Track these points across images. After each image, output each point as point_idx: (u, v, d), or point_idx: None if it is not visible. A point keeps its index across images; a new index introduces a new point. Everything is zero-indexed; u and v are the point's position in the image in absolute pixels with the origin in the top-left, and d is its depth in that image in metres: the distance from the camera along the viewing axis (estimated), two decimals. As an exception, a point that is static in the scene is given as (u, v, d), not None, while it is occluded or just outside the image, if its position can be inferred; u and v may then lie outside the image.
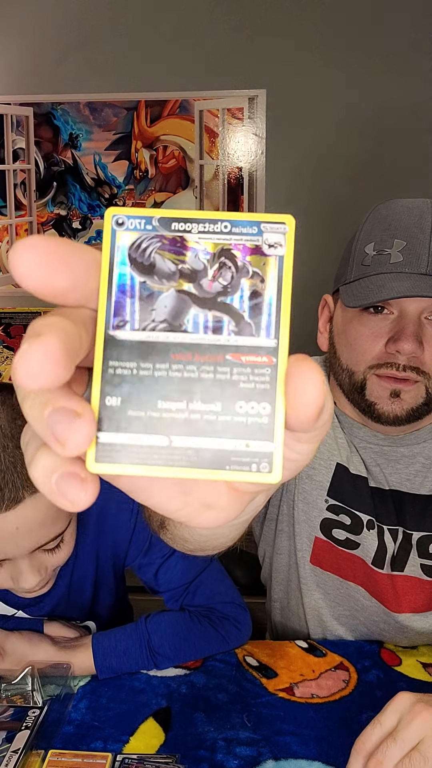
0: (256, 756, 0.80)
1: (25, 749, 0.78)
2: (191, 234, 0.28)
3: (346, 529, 1.01)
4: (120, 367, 0.28)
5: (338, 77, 2.41)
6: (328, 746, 0.82)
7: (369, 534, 1.00)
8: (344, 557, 1.03)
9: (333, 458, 1.01)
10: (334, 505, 1.01)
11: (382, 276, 0.89)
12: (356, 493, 1.00)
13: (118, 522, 0.97)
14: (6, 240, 2.57)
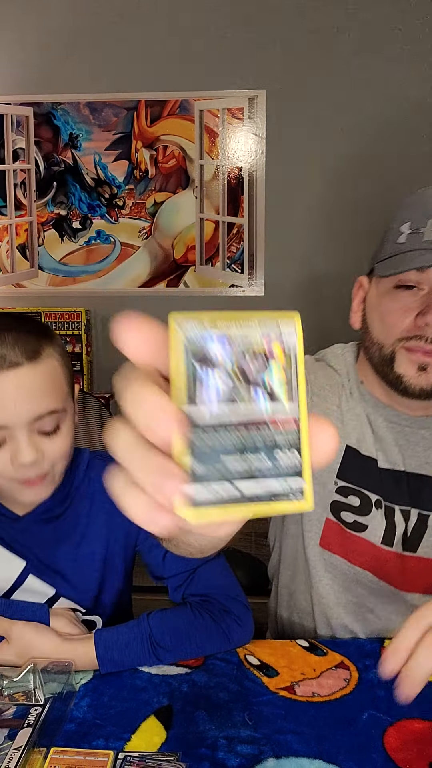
0: (257, 754, 0.80)
1: (27, 747, 0.79)
2: (233, 329, 0.41)
3: (354, 511, 1.03)
4: (195, 435, 0.37)
5: (338, 77, 2.42)
6: (328, 745, 0.82)
7: (377, 513, 1.02)
8: (352, 540, 1.04)
9: (343, 441, 1.03)
10: (344, 486, 1.03)
11: (415, 252, 0.93)
12: (365, 473, 1.02)
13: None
14: (6, 240, 2.57)
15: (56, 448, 0.91)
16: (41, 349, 0.88)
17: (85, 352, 2.52)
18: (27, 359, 0.86)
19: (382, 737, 0.84)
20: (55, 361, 0.90)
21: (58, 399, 0.90)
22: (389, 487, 1.02)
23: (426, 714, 0.88)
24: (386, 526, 1.02)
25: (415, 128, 2.42)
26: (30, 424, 0.87)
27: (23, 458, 0.87)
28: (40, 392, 0.87)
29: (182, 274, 2.56)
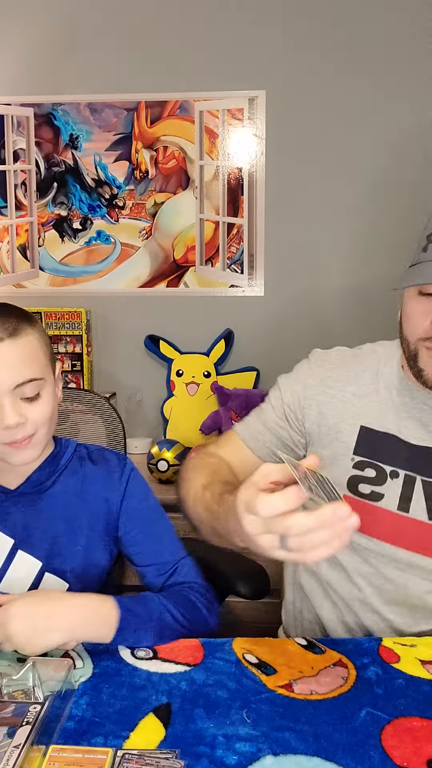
0: (256, 752, 0.81)
1: (26, 745, 0.79)
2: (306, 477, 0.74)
3: (370, 482, 1.12)
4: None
5: (338, 77, 2.42)
6: (326, 742, 0.82)
7: (392, 482, 1.11)
8: (369, 511, 1.11)
9: (358, 422, 1.15)
10: (360, 461, 1.13)
11: (428, 263, 1.03)
12: (381, 448, 1.12)
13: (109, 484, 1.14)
14: (6, 240, 2.57)
15: (38, 412, 1.03)
16: (20, 328, 1.02)
17: (86, 352, 2.53)
18: (8, 336, 1.00)
19: (379, 735, 0.84)
20: (33, 339, 1.04)
21: (36, 370, 1.03)
22: (413, 459, 1.11)
23: (424, 712, 0.89)
24: (401, 494, 1.10)
25: (415, 128, 2.42)
26: (12, 391, 1.01)
27: (8, 420, 0.99)
28: (19, 363, 1.01)
29: (182, 274, 2.56)
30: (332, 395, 1.17)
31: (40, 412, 1.04)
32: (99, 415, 1.58)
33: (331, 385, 1.17)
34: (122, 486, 1.14)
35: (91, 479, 1.14)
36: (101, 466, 1.16)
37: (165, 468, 2.22)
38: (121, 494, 1.14)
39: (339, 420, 1.16)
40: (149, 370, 2.59)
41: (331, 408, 1.16)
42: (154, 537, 1.15)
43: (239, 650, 1.02)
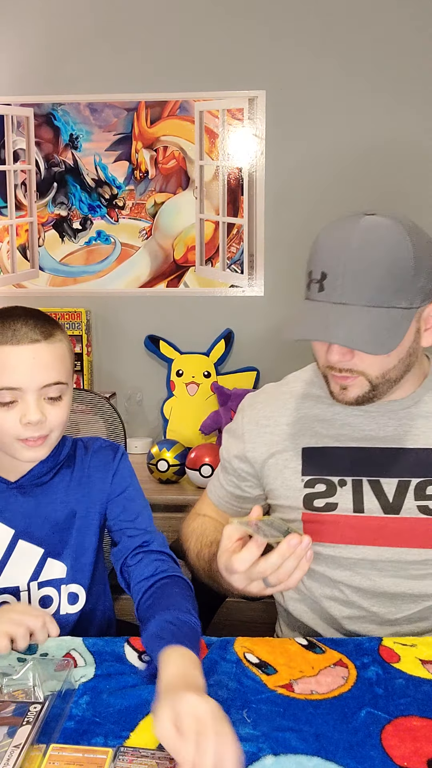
0: (256, 752, 0.81)
1: (27, 744, 0.79)
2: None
3: (322, 496, 1.18)
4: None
5: (338, 77, 2.42)
6: (327, 742, 0.83)
7: (342, 490, 1.17)
8: (330, 521, 1.17)
9: (298, 446, 1.21)
10: (310, 479, 1.19)
11: (311, 311, 1.10)
12: (326, 460, 1.19)
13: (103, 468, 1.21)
14: (6, 240, 2.57)
15: (57, 414, 1.09)
16: (55, 333, 1.09)
17: (86, 352, 2.53)
18: (44, 338, 1.06)
19: (380, 735, 0.84)
20: (64, 345, 1.11)
21: (63, 374, 1.09)
22: (353, 463, 1.17)
23: (424, 711, 0.89)
24: (353, 498, 1.16)
25: (416, 128, 2.43)
26: (39, 390, 1.06)
27: (31, 416, 1.04)
28: (50, 365, 1.07)
29: (182, 274, 2.56)
30: (270, 431, 1.24)
31: (59, 414, 1.09)
32: (100, 416, 1.59)
33: (265, 423, 1.25)
34: (113, 467, 1.21)
35: (87, 465, 1.21)
36: (96, 453, 1.22)
37: (165, 468, 2.22)
38: (111, 474, 1.21)
39: (281, 450, 1.22)
40: (149, 370, 2.59)
41: (270, 444, 1.23)
42: (131, 509, 1.21)
43: (240, 650, 1.02)
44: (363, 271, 1.01)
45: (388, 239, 1.02)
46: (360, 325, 1.01)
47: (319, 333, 1.03)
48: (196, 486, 2.19)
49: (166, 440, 2.30)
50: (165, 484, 2.24)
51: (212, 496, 1.35)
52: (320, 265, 1.05)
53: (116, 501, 1.20)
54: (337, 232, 1.06)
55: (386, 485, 1.16)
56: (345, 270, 1.01)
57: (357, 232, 1.02)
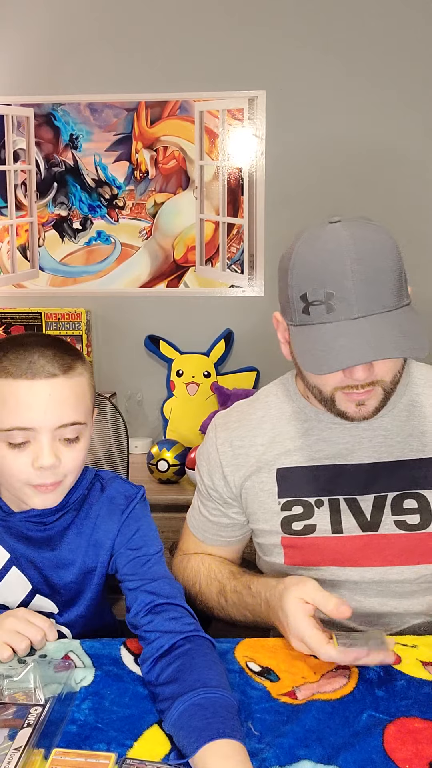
0: (260, 764, 0.80)
1: (27, 747, 0.79)
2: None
3: (300, 518, 1.15)
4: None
5: (338, 77, 2.42)
6: (330, 747, 0.82)
7: (319, 511, 1.14)
8: (309, 544, 1.15)
9: (273, 467, 1.17)
10: (286, 501, 1.16)
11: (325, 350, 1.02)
12: (301, 481, 1.15)
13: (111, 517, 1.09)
14: (6, 240, 2.57)
15: (73, 458, 0.98)
16: (75, 366, 0.98)
17: (86, 353, 2.53)
18: (62, 372, 0.96)
19: (381, 737, 0.84)
20: (84, 380, 1.00)
21: (82, 413, 0.98)
22: (329, 482, 1.14)
23: (425, 713, 0.89)
24: (331, 519, 1.14)
25: (416, 129, 2.42)
26: (54, 430, 0.95)
27: (44, 461, 0.94)
28: (68, 403, 0.96)
29: (182, 274, 2.56)
30: (244, 453, 1.19)
31: (75, 457, 0.99)
32: (102, 416, 1.58)
33: (239, 445, 1.20)
34: (124, 516, 1.09)
35: (96, 512, 1.09)
36: (110, 499, 1.10)
37: (165, 468, 2.22)
38: (120, 523, 1.09)
39: (257, 471, 1.18)
40: (149, 370, 2.59)
41: (246, 466, 1.19)
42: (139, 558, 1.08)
43: (242, 658, 1.01)
44: (371, 279, 0.97)
45: (380, 242, 1.00)
46: (394, 332, 0.97)
47: (368, 353, 0.96)
48: (196, 486, 2.18)
49: (166, 440, 2.30)
50: (165, 484, 2.24)
51: (196, 531, 1.28)
52: (318, 285, 0.99)
53: (122, 552, 1.08)
54: (320, 246, 1.00)
55: (363, 502, 1.13)
56: (354, 283, 0.96)
57: (347, 241, 0.98)
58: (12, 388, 0.94)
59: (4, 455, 0.96)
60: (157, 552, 1.09)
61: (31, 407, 0.94)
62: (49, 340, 1.01)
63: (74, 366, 0.98)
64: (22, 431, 0.94)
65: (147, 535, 1.10)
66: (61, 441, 0.97)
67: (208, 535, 1.26)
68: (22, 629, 0.97)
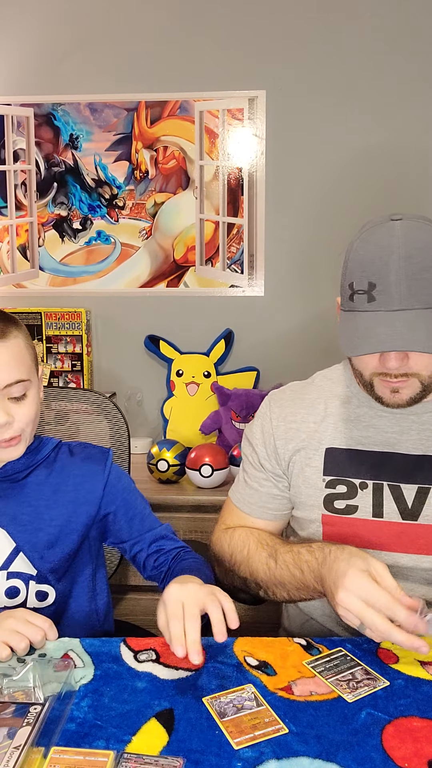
0: (258, 756, 0.81)
1: (26, 746, 0.79)
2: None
3: (343, 497, 1.20)
4: None
5: (338, 77, 2.42)
6: (328, 744, 0.83)
7: (363, 493, 1.18)
8: (348, 524, 1.19)
9: (322, 446, 1.22)
10: (331, 479, 1.21)
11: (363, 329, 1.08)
12: (348, 462, 1.20)
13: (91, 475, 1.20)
14: (6, 240, 2.57)
15: (25, 412, 1.09)
16: (8, 330, 1.08)
17: (86, 352, 2.53)
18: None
19: (380, 735, 0.84)
20: (20, 341, 1.09)
21: (23, 371, 1.09)
22: (375, 467, 1.18)
23: (424, 712, 0.89)
24: (373, 502, 1.18)
25: (415, 129, 2.43)
26: (1, 390, 1.06)
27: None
28: (7, 364, 1.06)
29: (182, 274, 2.56)
30: (296, 428, 1.25)
31: (26, 412, 1.10)
32: (103, 416, 1.58)
33: (292, 420, 1.26)
34: (105, 474, 1.20)
35: (72, 473, 1.19)
36: (82, 458, 1.21)
37: (165, 468, 2.22)
38: (104, 481, 1.20)
39: (306, 447, 1.24)
40: (149, 370, 2.60)
41: (297, 440, 1.25)
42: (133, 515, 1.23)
43: (240, 653, 1.02)
44: (416, 276, 1.02)
45: (430, 242, 1.04)
46: (429, 327, 1.02)
47: (396, 342, 1.02)
48: (196, 486, 2.19)
49: (166, 440, 2.30)
50: (165, 484, 2.24)
51: (241, 504, 1.31)
52: (364, 276, 1.05)
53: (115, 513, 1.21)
54: (374, 240, 1.06)
55: (406, 491, 1.17)
56: (398, 278, 1.02)
57: (398, 238, 1.03)
58: None
59: None
60: (141, 503, 1.24)
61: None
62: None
63: (7, 330, 1.08)
64: None
65: (127, 489, 1.23)
66: (10, 400, 1.08)
67: (255, 507, 1.29)
68: (21, 629, 0.99)
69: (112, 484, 1.20)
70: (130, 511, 1.22)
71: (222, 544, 1.28)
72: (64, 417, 1.55)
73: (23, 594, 1.15)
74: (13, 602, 1.14)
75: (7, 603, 1.14)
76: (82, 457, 1.21)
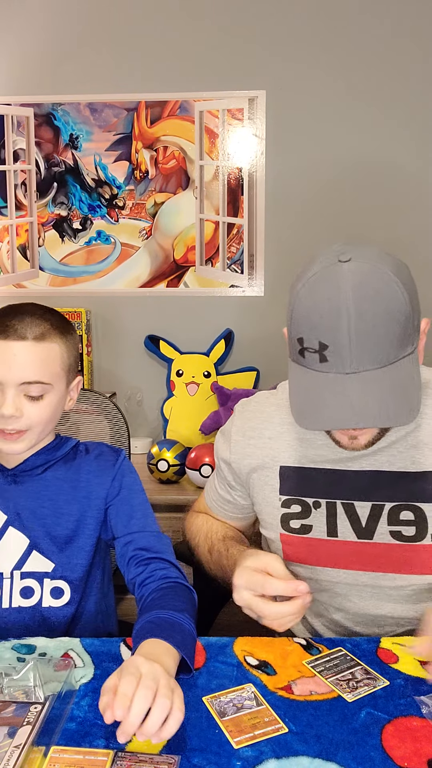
0: (258, 755, 0.81)
1: (27, 745, 0.79)
2: None
3: (297, 517, 1.18)
4: None
5: (338, 77, 2.42)
6: (327, 743, 0.83)
7: (316, 512, 1.16)
8: (305, 543, 1.17)
9: (277, 464, 1.20)
10: (286, 499, 1.19)
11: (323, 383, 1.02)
12: (302, 481, 1.17)
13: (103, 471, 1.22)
14: (6, 240, 2.57)
15: (37, 412, 1.11)
16: (48, 336, 1.10)
17: (86, 352, 2.53)
18: (32, 338, 1.08)
19: (380, 735, 0.84)
20: (56, 348, 1.12)
21: (46, 375, 1.10)
22: (327, 485, 1.16)
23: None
24: (327, 521, 1.15)
25: (415, 129, 2.43)
26: (18, 386, 1.08)
27: (5, 410, 1.07)
28: (32, 364, 1.08)
29: (182, 274, 2.56)
30: (253, 444, 1.22)
31: (38, 413, 1.11)
32: (104, 415, 1.59)
33: (251, 435, 1.23)
34: (115, 469, 1.22)
35: (86, 469, 1.21)
36: (96, 456, 1.24)
37: (165, 468, 2.22)
38: (112, 476, 1.21)
39: (262, 465, 1.21)
40: (149, 370, 2.60)
41: (254, 457, 1.22)
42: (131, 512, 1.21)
43: (240, 653, 1.02)
44: (368, 335, 0.93)
45: (383, 292, 0.94)
46: (384, 395, 0.95)
47: (349, 419, 0.95)
48: (196, 486, 2.19)
49: (166, 440, 2.30)
50: (165, 484, 2.24)
51: (207, 498, 1.35)
52: (314, 335, 0.95)
53: (114, 505, 1.21)
54: (321, 293, 0.95)
55: (360, 509, 1.14)
56: (350, 339, 0.93)
57: (347, 293, 0.93)
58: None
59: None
60: (143, 504, 1.22)
61: (2, 363, 1.07)
62: (37, 309, 1.14)
63: (47, 335, 1.10)
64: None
65: (132, 488, 1.22)
66: (26, 397, 1.10)
67: (215, 504, 1.33)
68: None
69: (118, 479, 1.22)
70: (126, 506, 1.21)
71: (186, 525, 1.35)
72: (64, 416, 1.55)
73: (38, 593, 1.15)
74: (29, 602, 1.14)
75: (22, 603, 1.14)
76: (96, 454, 1.24)
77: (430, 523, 1.11)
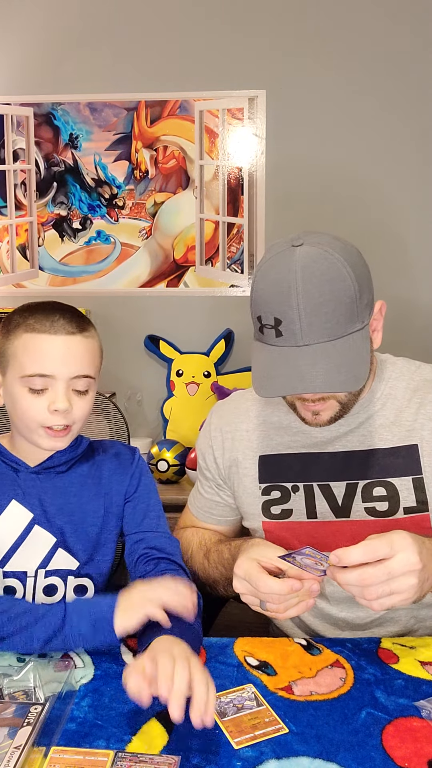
0: (258, 755, 0.81)
1: (27, 746, 0.79)
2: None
3: (277, 502, 1.23)
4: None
5: (338, 77, 2.42)
6: (328, 743, 0.83)
7: (295, 496, 1.21)
8: (287, 528, 1.21)
9: (256, 454, 1.25)
10: (266, 486, 1.24)
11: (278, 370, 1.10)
12: (279, 468, 1.23)
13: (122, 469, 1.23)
14: (6, 240, 2.57)
15: (82, 406, 1.12)
16: (89, 329, 1.14)
17: (86, 352, 2.53)
18: (80, 332, 1.11)
19: (380, 735, 0.84)
20: (95, 342, 1.15)
21: (92, 369, 1.13)
22: (303, 469, 1.21)
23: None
24: (306, 504, 1.20)
25: (415, 129, 2.43)
26: (69, 380, 1.09)
27: (60, 404, 1.08)
28: (82, 358, 1.11)
29: (182, 274, 2.56)
30: (231, 438, 1.29)
31: (83, 407, 1.12)
32: (104, 415, 1.59)
33: (228, 430, 1.29)
34: (133, 467, 1.24)
35: (107, 466, 1.23)
36: (114, 454, 1.25)
37: (165, 468, 2.22)
38: (131, 473, 1.23)
39: (241, 457, 1.27)
40: (149, 370, 2.60)
41: (233, 450, 1.28)
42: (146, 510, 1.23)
43: (240, 653, 1.02)
44: (316, 311, 1.02)
45: (329, 272, 1.03)
46: (330, 365, 1.03)
47: (297, 385, 1.04)
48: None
49: (166, 440, 2.30)
50: (165, 484, 2.24)
51: (193, 508, 1.38)
52: (269, 311, 1.04)
53: (131, 501, 1.23)
54: (274, 275, 1.04)
55: (336, 489, 1.19)
56: (299, 313, 1.02)
57: (296, 273, 1.02)
58: (37, 342, 1.09)
59: (25, 399, 1.09)
60: (158, 505, 1.24)
61: (52, 357, 1.08)
62: (66, 306, 1.16)
63: (88, 328, 1.13)
64: (42, 378, 1.08)
65: (149, 488, 1.25)
66: (73, 391, 1.11)
67: (201, 512, 1.36)
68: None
69: (137, 477, 1.24)
70: (143, 504, 1.23)
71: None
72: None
73: (61, 591, 1.15)
74: (51, 600, 1.14)
75: (45, 601, 1.14)
76: (114, 453, 1.25)
77: (401, 497, 1.16)
